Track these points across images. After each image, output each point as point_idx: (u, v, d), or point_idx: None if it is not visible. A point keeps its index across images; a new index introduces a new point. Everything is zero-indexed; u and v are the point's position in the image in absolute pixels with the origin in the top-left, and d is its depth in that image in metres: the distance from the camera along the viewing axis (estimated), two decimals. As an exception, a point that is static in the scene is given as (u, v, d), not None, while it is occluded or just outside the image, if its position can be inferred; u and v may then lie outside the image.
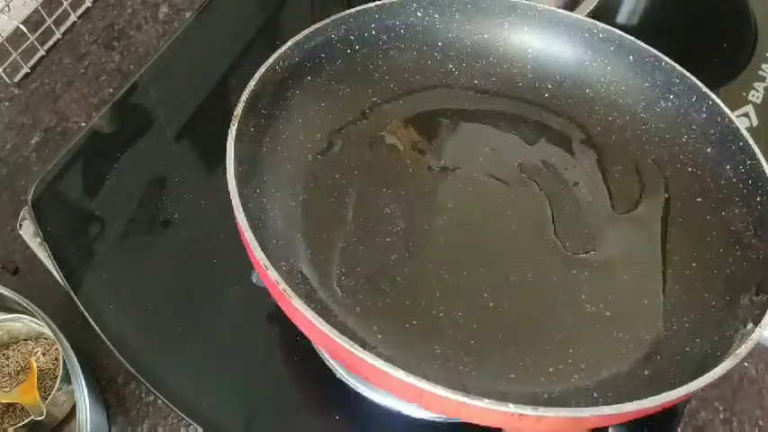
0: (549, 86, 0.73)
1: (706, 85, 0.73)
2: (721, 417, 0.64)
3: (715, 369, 0.49)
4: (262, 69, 0.60)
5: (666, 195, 0.66)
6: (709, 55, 0.83)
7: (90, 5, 0.89)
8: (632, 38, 0.68)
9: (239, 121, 0.57)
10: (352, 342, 0.46)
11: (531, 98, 0.72)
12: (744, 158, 0.61)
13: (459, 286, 0.60)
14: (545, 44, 0.72)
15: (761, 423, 0.64)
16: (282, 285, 0.48)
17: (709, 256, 0.61)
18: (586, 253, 0.62)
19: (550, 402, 0.55)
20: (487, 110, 0.72)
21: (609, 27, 0.68)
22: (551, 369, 0.57)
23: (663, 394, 0.47)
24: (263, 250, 0.50)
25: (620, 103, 0.70)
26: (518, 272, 0.61)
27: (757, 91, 0.78)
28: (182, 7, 0.90)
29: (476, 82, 0.73)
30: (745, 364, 0.67)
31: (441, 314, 0.58)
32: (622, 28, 0.73)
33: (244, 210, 0.51)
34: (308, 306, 0.48)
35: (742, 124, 0.75)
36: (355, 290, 0.58)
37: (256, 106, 0.60)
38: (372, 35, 0.69)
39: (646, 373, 0.56)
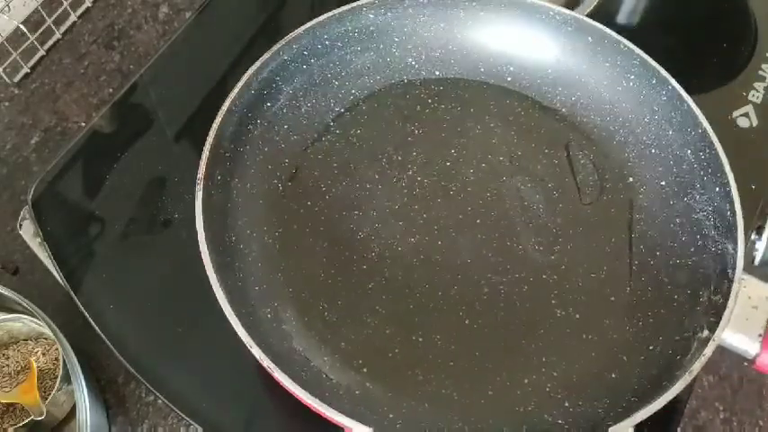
0: (511, 69, 0.73)
1: (706, 85, 0.74)
2: (721, 417, 0.64)
3: (665, 394, 0.50)
4: (218, 119, 0.60)
5: (631, 179, 0.67)
6: (709, 55, 0.83)
7: (90, 5, 0.89)
8: (590, 20, 0.68)
9: (204, 182, 0.57)
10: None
11: (494, 83, 0.73)
12: (703, 146, 0.62)
13: (435, 308, 0.61)
14: (502, 28, 0.72)
15: (761, 423, 0.64)
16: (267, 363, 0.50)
17: (673, 245, 0.62)
18: (553, 255, 0.62)
19: (525, 416, 0.56)
20: (452, 102, 0.72)
21: (564, 9, 0.69)
22: (526, 381, 0.57)
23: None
24: (247, 330, 0.51)
25: (583, 83, 0.71)
26: (491, 284, 0.62)
27: (757, 91, 0.78)
28: (182, 7, 0.90)
29: (437, 73, 0.73)
30: (746, 363, 0.67)
31: (420, 339, 0.59)
32: (622, 28, 0.73)
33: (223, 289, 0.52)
34: (297, 381, 0.49)
35: (743, 122, 0.76)
36: (339, 324, 0.59)
37: (219, 153, 0.60)
38: (326, 45, 0.69)
39: (612, 376, 0.57)
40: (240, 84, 0.62)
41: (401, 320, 0.60)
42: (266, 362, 0.50)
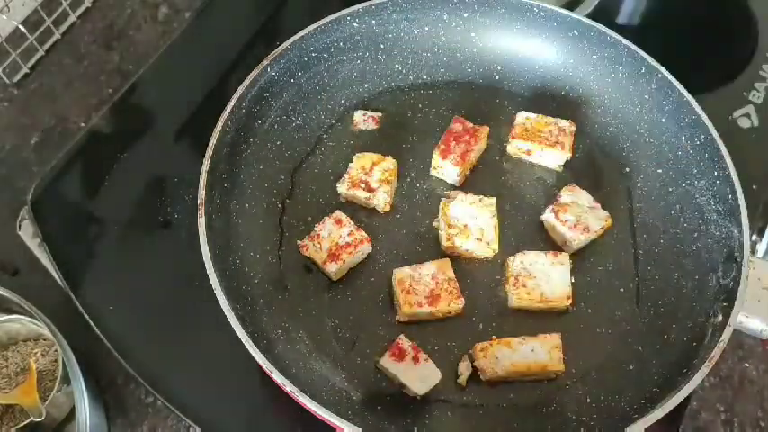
0: (499, 68, 0.73)
1: (707, 85, 0.73)
2: (722, 417, 0.64)
3: (688, 383, 0.51)
4: (212, 141, 0.60)
5: (627, 169, 0.67)
6: (709, 55, 0.83)
7: (89, 6, 0.89)
8: (574, 14, 0.69)
9: (205, 208, 0.57)
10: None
11: (482, 83, 0.73)
12: (698, 131, 0.62)
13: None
14: (487, 27, 0.72)
15: (762, 424, 0.64)
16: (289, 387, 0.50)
17: (675, 231, 0.63)
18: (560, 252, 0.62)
19: (548, 416, 0.56)
20: (442, 106, 0.72)
21: (549, 6, 0.69)
22: (546, 380, 0.58)
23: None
24: (264, 354, 0.51)
25: (571, 76, 0.71)
26: (500, 285, 0.62)
27: (758, 91, 0.78)
28: (181, 7, 0.90)
29: (425, 77, 0.74)
30: (746, 364, 0.67)
31: (436, 347, 0.59)
32: (622, 28, 0.73)
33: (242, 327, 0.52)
34: (320, 402, 0.50)
35: (744, 123, 0.76)
36: (352, 340, 0.59)
37: (216, 176, 0.60)
38: (312, 57, 0.69)
39: (631, 368, 0.58)
40: (231, 103, 0.62)
41: (418, 328, 0.60)
42: (289, 387, 0.50)
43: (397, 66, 0.73)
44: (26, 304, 0.60)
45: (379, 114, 0.70)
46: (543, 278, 0.60)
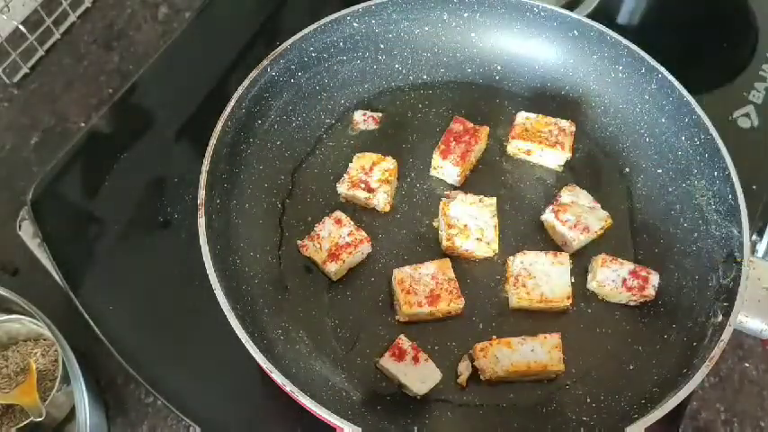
0: (499, 68, 0.73)
1: (707, 85, 0.73)
2: (723, 417, 0.64)
3: (688, 383, 0.51)
4: (212, 141, 0.60)
5: (627, 169, 0.68)
6: (709, 55, 0.83)
7: (89, 6, 0.89)
8: (574, 14, 0.69)
9: (205, 208, 0.57)
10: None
11: (482, 83, 0.73)
12: (698, 131, 0.63)
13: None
14: (487, 27, 0.73)
15: (762, 424, 0.64)
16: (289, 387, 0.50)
17: (675, 231, 0.63)
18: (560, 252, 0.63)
19: (548, 416, 0.56)
20: (442, 106, 0.72)
21: (549, 6, 0.69)
22: (545, 380, 0.58)
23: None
24: (264, 355, 0.51)
25: (571, 76, 0.72)
26: (500, 286, 0.62)
27: (758, 91, 0.78)
28: (181, 7, 0.90)
29: (425, 77, 0.74)
30: (746, 364, 0.67)
31: (436, 347, 0.60)
32: (623, 28, 0.73)
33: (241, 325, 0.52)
34: (320, 402, 0.50)
35: (744, 123, 0.76)
36: (353, 340, 0.60)
37: (216, 176, 0.61)
38: (312, 57, 0.69)
39: (630, 368, 0.58)
40: (231, 103, 0.62)
41: (417, 328, 0.60)
42: (289, 387, 0.50)
43: (397, 66, 0.73)
44: (26, 304, 0.60)
45: (379, 114, 0.70)
46: (543, 278, 0.60)
